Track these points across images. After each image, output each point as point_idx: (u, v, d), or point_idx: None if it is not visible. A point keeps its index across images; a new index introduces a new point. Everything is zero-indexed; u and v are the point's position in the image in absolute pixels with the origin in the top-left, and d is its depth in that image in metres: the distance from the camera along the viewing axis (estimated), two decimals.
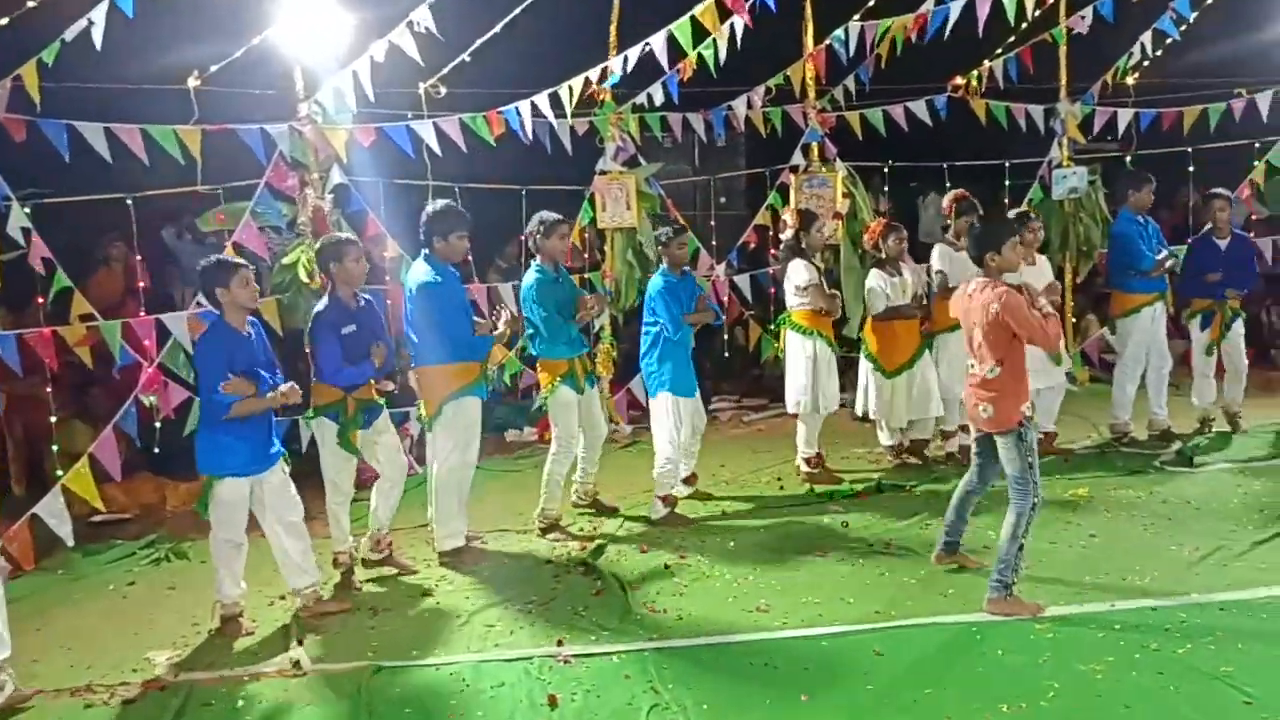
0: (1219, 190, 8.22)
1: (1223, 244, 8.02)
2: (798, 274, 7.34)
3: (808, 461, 7.46)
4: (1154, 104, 9.75)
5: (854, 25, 8.10)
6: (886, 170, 9.88)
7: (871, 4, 8.08)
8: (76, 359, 6.58)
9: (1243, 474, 6.98)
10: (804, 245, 7.46)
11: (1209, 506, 6.35)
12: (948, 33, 7.87)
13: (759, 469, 7.83)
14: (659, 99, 8.19)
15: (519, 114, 7.56)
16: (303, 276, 6.78)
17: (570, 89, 7.51)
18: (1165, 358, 7.98)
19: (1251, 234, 8.76)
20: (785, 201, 9.35)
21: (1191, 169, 9.93)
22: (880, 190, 15.69)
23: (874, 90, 9.19)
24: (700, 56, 7.65)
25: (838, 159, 9.25)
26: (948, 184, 9.86)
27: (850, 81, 9.16)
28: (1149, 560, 5.51)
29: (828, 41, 8.40)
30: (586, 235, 8.85)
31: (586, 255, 9.24)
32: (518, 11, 7.22)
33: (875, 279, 7.48)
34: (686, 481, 7.07)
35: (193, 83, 6.55)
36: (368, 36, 6.90)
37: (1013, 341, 4.99)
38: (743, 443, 8.68)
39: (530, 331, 6.58)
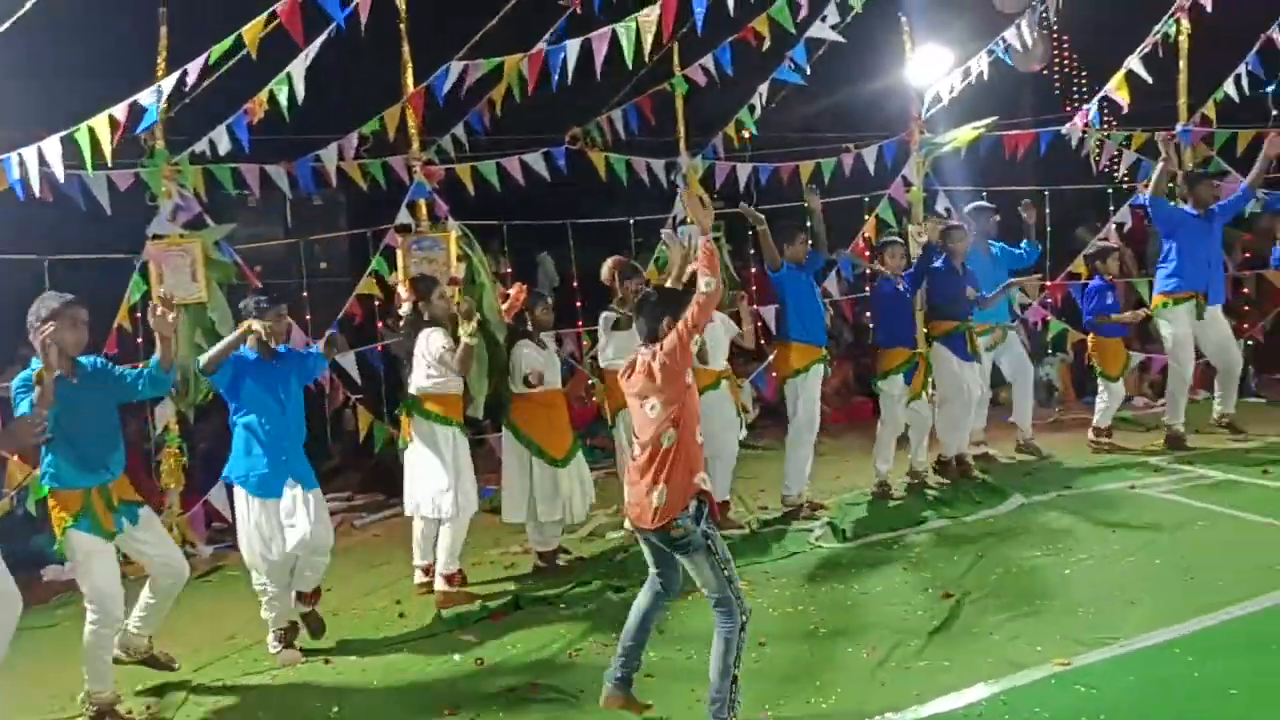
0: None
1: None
2: (435, 344, 6.15)
3: (449, 579, 6.22)
4: (770, 158, 9.54)
5: (456, 65, 7.05)
6: (505, 229, 8.90)
7: (476, 40, 7.07)
8: None
9: (898, 545, 6.56)
10: (426, 317, 6.29)
11: (874, 591, 5.79)
12: (569, 78, 7.01)
13: (374, 589, 6.47)
14: (226, 146, 6.70)
15: (19, 163, 5.79)
16: None
17: (92, 130, 5.84)
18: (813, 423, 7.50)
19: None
20: (392, 267, 8.13)
21: (809, 224, 9.80)
22: (500, 252, 14.95)
23: (491, 141, 8.22)
24: (272, 95, 6.26)
25: (449, 217, 8.17)
26: (571, 242, 9.11)
27: (460, 130, 8.13)
28: (829, 673, 4.76)
29: (428, 82, 7.29)
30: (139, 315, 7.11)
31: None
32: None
33: (528, 353, 6.43)
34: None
35: None
36: None
37: (687, 392, 4.17)
38: (356, 556, 7.26)
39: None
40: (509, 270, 14.22)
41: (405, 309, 6.34)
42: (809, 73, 8.34)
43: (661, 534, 4.18)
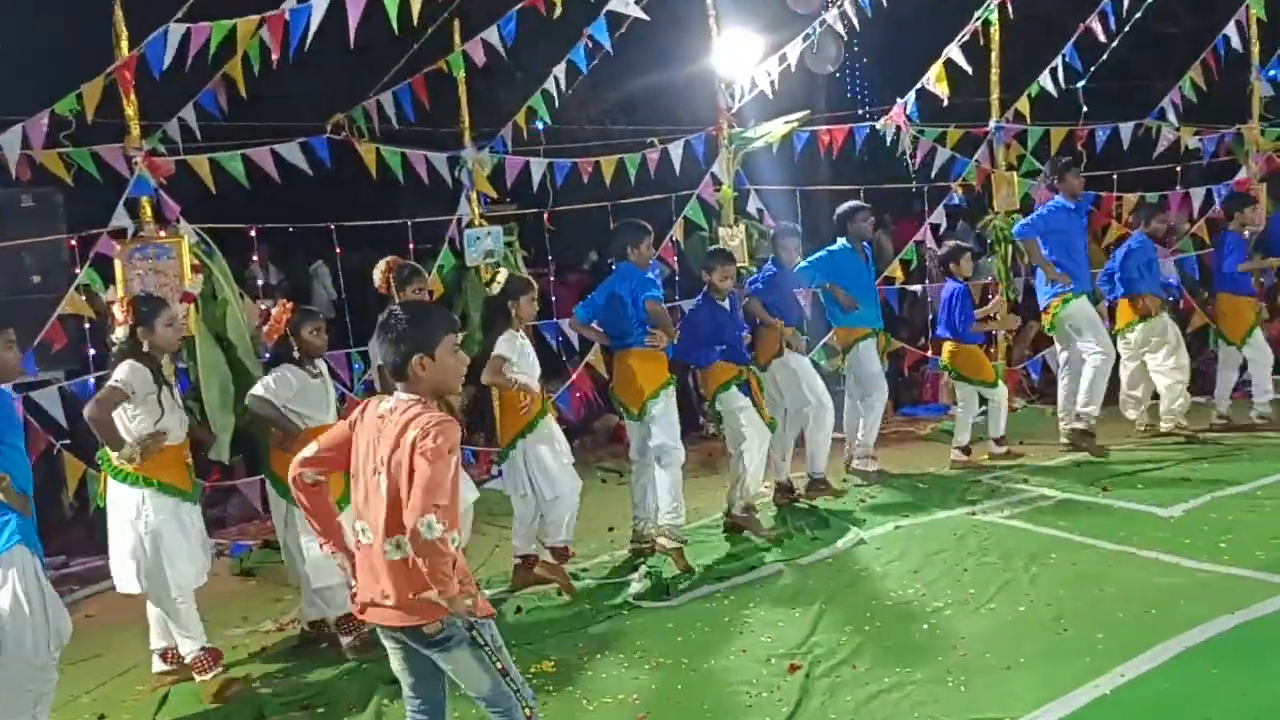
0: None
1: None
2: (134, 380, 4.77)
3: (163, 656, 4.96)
4: (567, 153, 8.50)
5: (176, 27, 5.62)
6: (255, 235, 7.46)
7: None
8: None
9: (730, 598, 5.61)
10: (146, 347, 4.88)
11: (706, 667, 4.80)
12: (307, 45, 5.68)
13: (75, 695, 5.01)
14: None
15: None
16: None
17: None
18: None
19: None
20: (108, 280, 6.61)
21: (612, 225, 8.83)
22: (266, 261, 13.29)
23: (232, 128, 6.81)
24: None
25: (181, 219, 6.73)
26: (338, 250, 7.79)
27: (190, 114, 6.68)
28: None
29: (139, 50, 5.83)
30: None
31: None
32: None
33: (286, 372, 5.13)
34: None
35: None
36: None
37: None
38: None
39: None
40: (280, 280, 12.85)
41: (119, 334, 4.93)
42: (610, 54, 7.36)
43: (412, 632, 3.10)
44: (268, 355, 5.76)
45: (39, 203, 9.03)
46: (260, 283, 12.86)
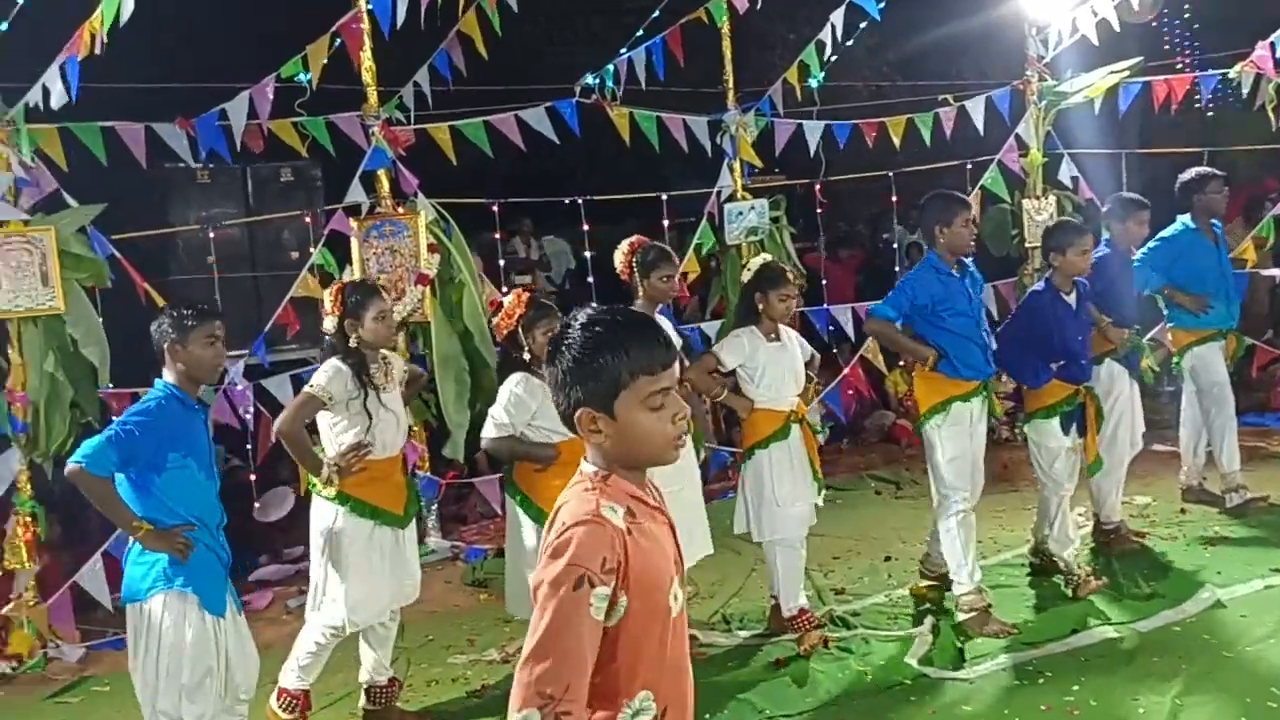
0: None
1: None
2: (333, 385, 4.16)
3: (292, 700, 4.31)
4: (845, 114, 7.41)
5: None
6: (496, 210, 6.82)
7: None
8: None
9: (1046, 675, 4.43)
10: (353, 342, 4.23)
11: None
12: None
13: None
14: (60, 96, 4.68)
15: None
16: None
17: None
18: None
19: None
20: (343, 261, 6.18)
21: (895, 199, 7.69)
22: (529, 235, 12.91)
23: (467, 94, 6.18)
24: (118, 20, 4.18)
25: (419, 194, 6.18)
26: (584, 227, 7.07)
27: (425, 79, 6.08)
28: None
29: (367, 3, 5.23)
30: None
31: None
32: None
33: (519, 389, 4.37)
34: None
35: None
36: None
37: None
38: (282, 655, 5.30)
39: None
40: (542, 255, 12.41)
41: (327, 325, 4.34)
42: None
43: None
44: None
45: (298, 177, 8.92)
46: (521, 256, 12.66)
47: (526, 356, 4.35)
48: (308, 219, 6.34)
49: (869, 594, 5.43)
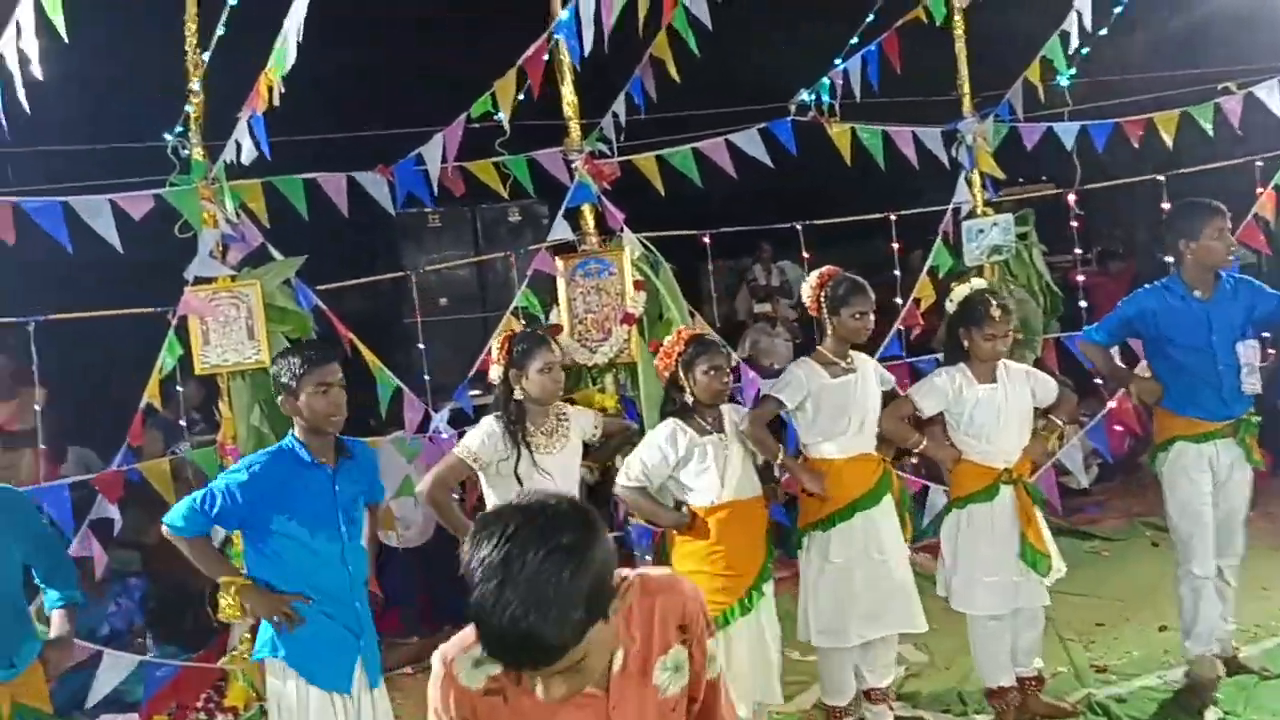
0: None
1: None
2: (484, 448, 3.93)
3: None
4: (1101, 113, 6.53)
5: (586, 1, 4.65)
6: (707, 242, 6.41)
7: None
8: None
9: None
10: (518, 394, 4.01)
11: None
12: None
13: None
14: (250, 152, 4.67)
15: None
16: None
17: None
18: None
19: None
20: (548, 301, 5.97)
21: (1166, 205, 6.70)
22: (769, 260, 12.51)
23: (660, 121, 5.86)
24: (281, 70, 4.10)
25: (624, 229, 5.90)
26: (806, 255, 6.57)
27: (621, 107, 5.79)
28: None
29: (551, 32, 4.98)
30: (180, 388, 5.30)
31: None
32: None
33: (662, 438, 4.02)
34: None
35: None
36: None
37: None
38: None
39: None
40: (783, 281, 11.93)
41: (493, 374, 4.12)
42: None
43: None
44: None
45: (524, 216, 8.90)
46: (761, 283, 12.23)
47: (689, 399, 3.97)
48: (513, 259, 6.18)
49: (1138, 674, 4.61)
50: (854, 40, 5.78)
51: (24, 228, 4.38)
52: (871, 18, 5.62)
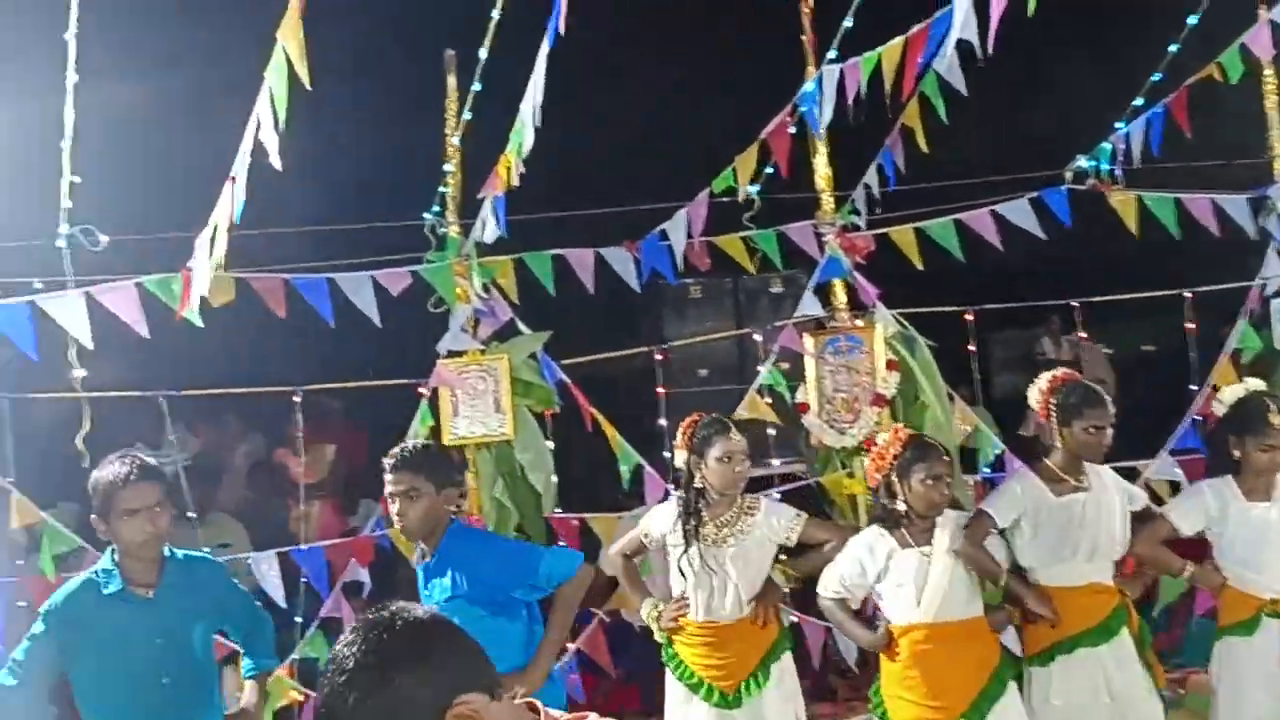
0: None
1: None
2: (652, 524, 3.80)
3: None
4: None
5: (829, 70, 4.47)
6: (971, 319, 5.98)
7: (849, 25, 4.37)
8: None
9: None
10: (698, 482, 3.88)
11: None
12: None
13: None
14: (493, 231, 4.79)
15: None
16: None
17: None
18: None
19: None
20: (794, 381, 5.76)
21: None
22: (1058, 333, 11.70)
23: (900, 193, 5.57)
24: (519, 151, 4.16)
25: (878, 304, 5.62)
26: (1079, 332, 6.03)
27: (873, 178, 5.53)
28: None
29: (795, 104, 4.81)
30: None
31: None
32: None
33: (862, 546, 3.74)
34: None
35: None
36: None
37: None
38: None
39: None
40: (1075, 356, 11.07)
41: (678, 459, 3.98)
42: None
43: None
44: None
45: (786, 286, 8.74)
46: (1051, 357, 11.38)
47: (900, 507, 3.62)
48: (758, 336, 6.03)
49: None
50: (1138, 101, 5.26)
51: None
52: (1159, 76, 5.09)
